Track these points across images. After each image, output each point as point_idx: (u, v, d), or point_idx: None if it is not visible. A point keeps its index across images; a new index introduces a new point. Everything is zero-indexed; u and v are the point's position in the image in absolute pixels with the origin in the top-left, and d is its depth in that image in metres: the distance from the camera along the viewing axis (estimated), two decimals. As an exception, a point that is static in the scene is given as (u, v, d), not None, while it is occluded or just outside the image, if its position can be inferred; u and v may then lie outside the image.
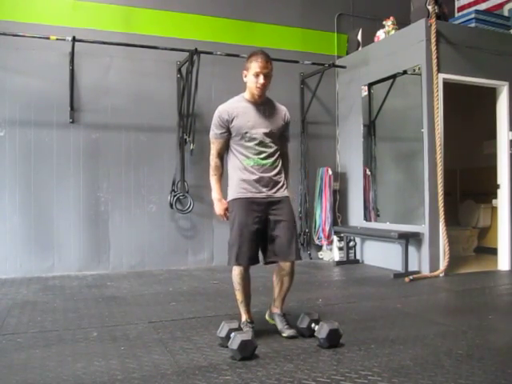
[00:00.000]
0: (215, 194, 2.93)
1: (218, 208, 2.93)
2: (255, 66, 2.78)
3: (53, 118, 5.16)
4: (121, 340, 2.84)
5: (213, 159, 2.91)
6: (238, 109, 2.84)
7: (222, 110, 2.86)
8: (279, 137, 2.94)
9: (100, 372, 2.32)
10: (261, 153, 2.82)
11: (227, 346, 2.52)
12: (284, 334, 2.82)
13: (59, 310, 3.57)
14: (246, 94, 2.90)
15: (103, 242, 5.34)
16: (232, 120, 2.82)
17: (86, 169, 5.29)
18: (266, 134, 2.84)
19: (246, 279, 2.83)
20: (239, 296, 2.86)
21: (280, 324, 2.89)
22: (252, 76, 2.80)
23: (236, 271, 2.81)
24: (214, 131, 2.89)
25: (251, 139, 2.81)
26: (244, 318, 2.88)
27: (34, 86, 5.09)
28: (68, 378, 2.25)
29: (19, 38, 4.75)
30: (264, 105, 2.92)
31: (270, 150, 2.86)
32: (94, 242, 5.31)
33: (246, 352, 2.45)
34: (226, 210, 2.91)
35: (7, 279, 4.80)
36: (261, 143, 2.82)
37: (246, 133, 2.81)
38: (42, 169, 5.13)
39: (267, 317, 3.06)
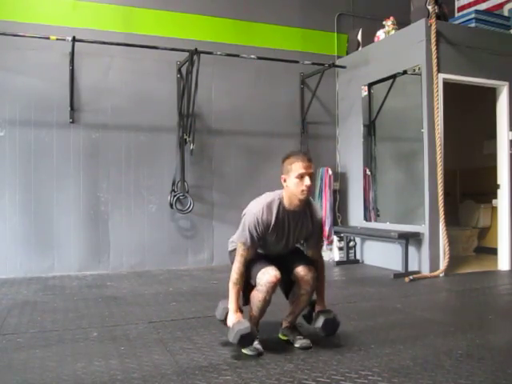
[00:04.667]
0: (232, 305, 2.57)
1: (232, 321, 2.54)
2: (298, 166, 2.48)
3: (53, 118, 5.16)
4: (121, 340, 2.83)
5: (239, 268, 2.56)
6: (276, 219, 2.55)
7: (262, 217, 2.53)
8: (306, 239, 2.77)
9: (100, 372, 2.32)
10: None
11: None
12: (296, 345, 2.67)
13: (59, 310, 3.56)
14: (285, 200, 2.57)
15: (103, 242, 5.34)
16: (268, 230, 2.56)
17: (86, 169, 5.29)
18: (288, 245, 2.69)
19: (268, 302, 2.56)
20: (254, 315, 2.61)
21: (291, 335, 2.75)
22: (295, 178, 2.48)
23: (261, 295, 2.50)
24: (249, 237, 2.53)
25: (272, 248, 2.69)
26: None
27: (33, 85, 5.09)
28: (68, 378, 2.25)
29: (19, 37, 4.74)
30: (300, 212, 2.62)
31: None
32: (94, 242, 5.31)
33: (246, 343, 2.51)
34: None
35: (7, 279, 4.80)
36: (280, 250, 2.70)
37: (270, 245, 2.67)
38: (42, 169, 5.13)
39: (280, 335, 2.84)
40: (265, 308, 2.60)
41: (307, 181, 2.49)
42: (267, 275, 2.50)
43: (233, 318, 2.55)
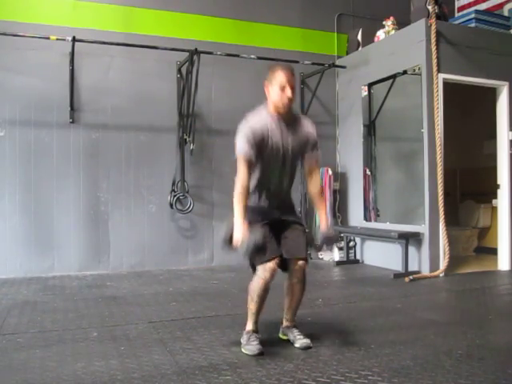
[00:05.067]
0: (239, 217, 2.48)
1: (240, 233, 2.41)
2: (281, 77, 2.55)
3: (53, 118, 5.16)
4: (121, 340, 2.84)
5: (243, 180, 2.52)
6: (270, 125, 2.59)
7: (255, 127, 2.56)
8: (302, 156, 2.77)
9: (100, 372, 2.32)
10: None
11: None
12: (297, 345, 2.66)
13: (59, 310, 3.57)
14: (271, 108, 2.63)
15: (103, 242, 5.34)
16: (263, 140, 2.56)
17: (86, 169, 5.29)
18: (286, 161, 2.66)
19: (268, 290, 2.55)
20: (254, 307, 2.60)
21: (291, 334, 2.72)
22: (277, 89, 2.55)
23: (261, 280, 2.51)
24: (247, 147, 2.53)
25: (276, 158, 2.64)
26: (251, 327, 2.65)
27: (34, 85, 5.09)
28: (68, 378, 2.25)
29: (19, 37, 4.75)
30: (292, 122, 2.67)
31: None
32: (94, 241, 5.31)
33: (260, 252, 2.40)
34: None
35: (7, 279, 4.80)
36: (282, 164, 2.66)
37: (270, 163, 2.63)
38: (42, 169, 5.13)
39: (280, 335, 2.82)
40: (264, 297, 2.57)
41: (289, 92, 2.55)
42: (267, 265, 2.49)
43: (241, 231, 2.42)
